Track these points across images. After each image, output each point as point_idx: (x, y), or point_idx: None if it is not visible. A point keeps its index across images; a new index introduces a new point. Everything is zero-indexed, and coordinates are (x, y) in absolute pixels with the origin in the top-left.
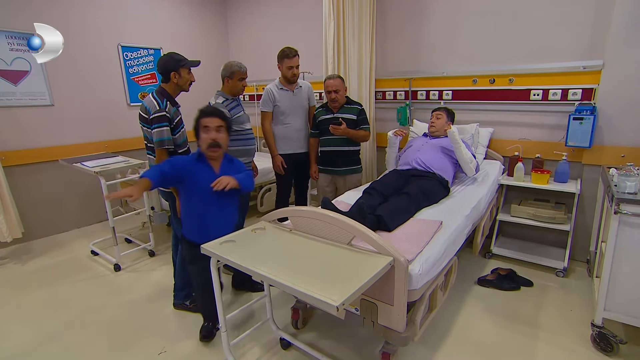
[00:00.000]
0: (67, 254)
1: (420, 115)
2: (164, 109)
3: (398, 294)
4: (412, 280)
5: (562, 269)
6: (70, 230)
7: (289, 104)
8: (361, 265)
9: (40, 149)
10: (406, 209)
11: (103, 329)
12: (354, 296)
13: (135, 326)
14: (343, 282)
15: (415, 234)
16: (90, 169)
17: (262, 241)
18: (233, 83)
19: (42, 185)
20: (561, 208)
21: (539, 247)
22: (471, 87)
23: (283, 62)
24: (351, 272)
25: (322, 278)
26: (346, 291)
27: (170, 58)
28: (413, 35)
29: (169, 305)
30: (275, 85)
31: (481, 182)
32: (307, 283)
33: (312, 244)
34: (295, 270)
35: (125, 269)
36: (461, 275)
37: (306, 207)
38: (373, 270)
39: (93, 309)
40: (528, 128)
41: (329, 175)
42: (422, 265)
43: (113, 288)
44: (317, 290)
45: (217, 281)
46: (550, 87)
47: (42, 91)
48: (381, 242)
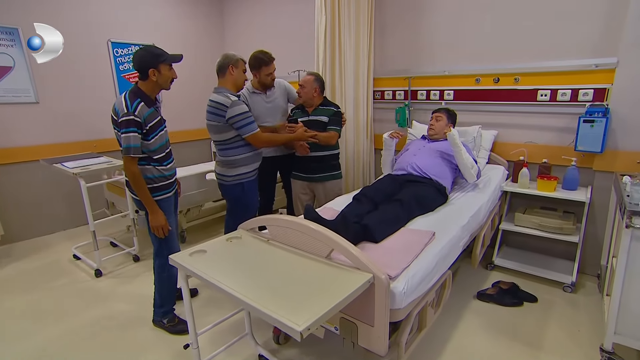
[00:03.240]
0: (48, 258)
1: (420, 116)
2: (133, 113)
3: (379, 314)
4: (395, 299)
5: (570, 284)
6: (55, 233)
7: (262, 108)
8: (337, 283)
9: (24, 148)
10: (396, 218)
11: (74, 343)
12: (322, 320)
13: (106, 343)
14: (313, 302)
15: (404, 246)
16: (69, 170)
17: (235, 252)
18: (238, 73)
19: (25, 185)
20: (570, 218)
21: (546, 259)
22: (474, 87)
23: (261, 70)
24: (325, 290)
25: (291, 296)
26: (313, 314)
27: (147, 53)
28: (413, 31)
29: (148, 319)
30: (247, 89)
31: (482, 189)
32: (274, 302)
33: (288, 256)
34: (264, 287)
35: (107, 274)
36: (459, 288)
37: (284, 216)
38: (347, 290)
39: (66, 319)
40: (535, 131)
41: (304, 182)
42: (408, 283)
43: (91, 296)
44: (283, 312)
45: (187, 293)
46: (559, 87)
47: (26, 88)
48: (360, 257)
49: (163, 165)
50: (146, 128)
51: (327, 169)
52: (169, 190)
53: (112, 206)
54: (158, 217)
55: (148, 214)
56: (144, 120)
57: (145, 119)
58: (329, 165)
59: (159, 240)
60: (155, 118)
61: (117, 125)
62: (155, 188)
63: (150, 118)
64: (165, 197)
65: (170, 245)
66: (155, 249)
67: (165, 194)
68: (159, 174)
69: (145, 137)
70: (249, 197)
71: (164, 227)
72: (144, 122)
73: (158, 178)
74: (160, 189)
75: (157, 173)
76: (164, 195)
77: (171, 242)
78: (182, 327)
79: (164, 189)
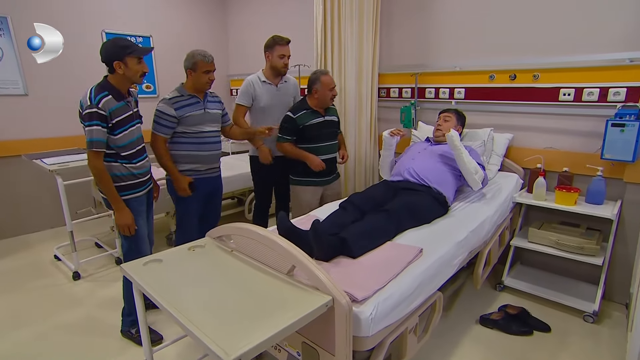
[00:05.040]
0: (29, 258)
1: (427, 116)
2: (96, 105)
3: (340, 342)
4: (361, 326)
5: (592, 313)
6: (43, 231)
7: (270, 100)
8: (291, 304)
9: (11, 142)
10: (381, 230)
11: (34, 350)
12: (260, 348)
13: (67, 353)
14: (257, 326)
15: (383, 264)
16: (46, 166)
17: (193, 263)
18: (196, 76)
19: (12, 180)
20: (593, 236)
21: (566, 282)
22: (487, 85)
23: (274, 49)
24: (275, 313)
25: (236, 318)
26: (250, 341)
27: (113, 45)
28: (423, 22)
29: (117, 327)
30: (258, 78)
31: (490, 199)
32: (213, 324)
33: (247, 270)
34: (210, 305)
35: (86, 277)
36: (460, 310)
37: (248, 225)
38: (297, 314)
39: (33, 324)
40: (555, 135)
41: (318, 187)
42: (377, 307)
43: (64, 300)
44: (220, 336)
45: (140, 305)
46: (585, 85)
47: (14, 79)
48: (321, 276)
49: (132, 163)
50: (112, 122)
51: (335, 168)
52: (139, 189)
53: (100, 205)
54: (124, 215)
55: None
56: (109, 114)
57: (112, 112)
58: (336, 164)
59: (129, 242)
60: (125, 113)
61: (82, 119)
62: (123, 187)
63: (119, 112)
64: (135, 197)
65: (140, 249)
66: (124, 252)
67: (135, 194)
68: (127, 171)
69: (112, 132)
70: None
71: (130, 226)
72: (109, 115)
73: (126, 176)
74: (128, 187)
75: (125, 171)
76: (132, 194)
77: (141, 245)
78: (152, 338)
79: (132, 187)
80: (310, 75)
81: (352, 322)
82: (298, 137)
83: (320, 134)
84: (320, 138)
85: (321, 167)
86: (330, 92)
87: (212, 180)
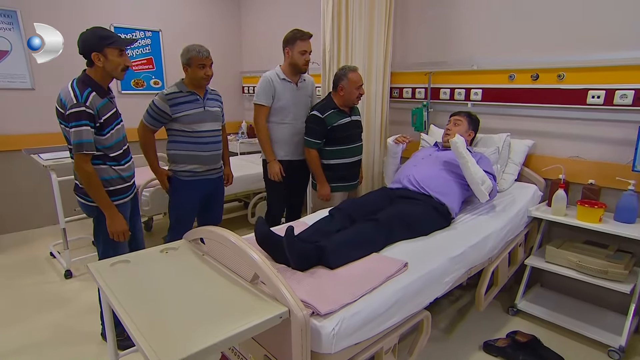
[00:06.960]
0: (27, 254)
1: (441, 118)
2: (83, 103)
3: (296, 356)
4: (322, 341)
5: (618, 348)
6: (45, 227)
7: (291, 99)
8: (246, 314)
9: (17, 136)
10: (367, 241)
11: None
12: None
13: (46, 356)
14: (202, 334)
15: (361, 277)
16: (42, 162)
17: (161, 265)
18: (192, 72)
19: (17, 175)
20: (622, 259)
21: (590, 310)
22: (507, 85)
23: (295, 45)
24: (225, 321)
25: (185, 326)
26: (188, 349)
27: (92, 35)
28: (440, 15)
29: (99, 331)
30: (277, 75)
31: (500, 212)
32: (158, 331)
33: (212, 276)
34: (163, 312)
35: (78, 276)
36: (464, 333)
37: (218, 229)
38: (246, 324)
39: (18, 323)
40: (581, 142)
41: (346, 193)
42: (342, 323)
43: (52, 299)
44: (161, 343)
45: (107, 308)
46: (617, 87)
47: (22, 73)
48: (280, 286)
49: (120, 165)
50: (100, 121)
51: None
52: (126, 194)
53: None
54: (117, 222)
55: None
56: (97, 112)
57: (99, 110)
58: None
59: (106, 245)
60: (110, 110)
61: (63, 119)
62: (112, 192)
63: (104, 110)
64: (122, 202)
65: (119, 252)
66: (100, 254)
67: (123, 199)
68: (116, 174)
69: (99, 132)
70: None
71: (125, 232)
72: (97, 114)
73: (115, 180)
74: (117, 192)
75: (114, 174)
76: (121, 200)
77: (121, 249)
78: (130, 343)
79: (121, 192)
80: (337, 70)
81: (308, 337)
82: (333, 139)
83: (349, 134)
84: (350, 139)
85: (326, 199)
86: (357, 90)
87: (212, 181)
